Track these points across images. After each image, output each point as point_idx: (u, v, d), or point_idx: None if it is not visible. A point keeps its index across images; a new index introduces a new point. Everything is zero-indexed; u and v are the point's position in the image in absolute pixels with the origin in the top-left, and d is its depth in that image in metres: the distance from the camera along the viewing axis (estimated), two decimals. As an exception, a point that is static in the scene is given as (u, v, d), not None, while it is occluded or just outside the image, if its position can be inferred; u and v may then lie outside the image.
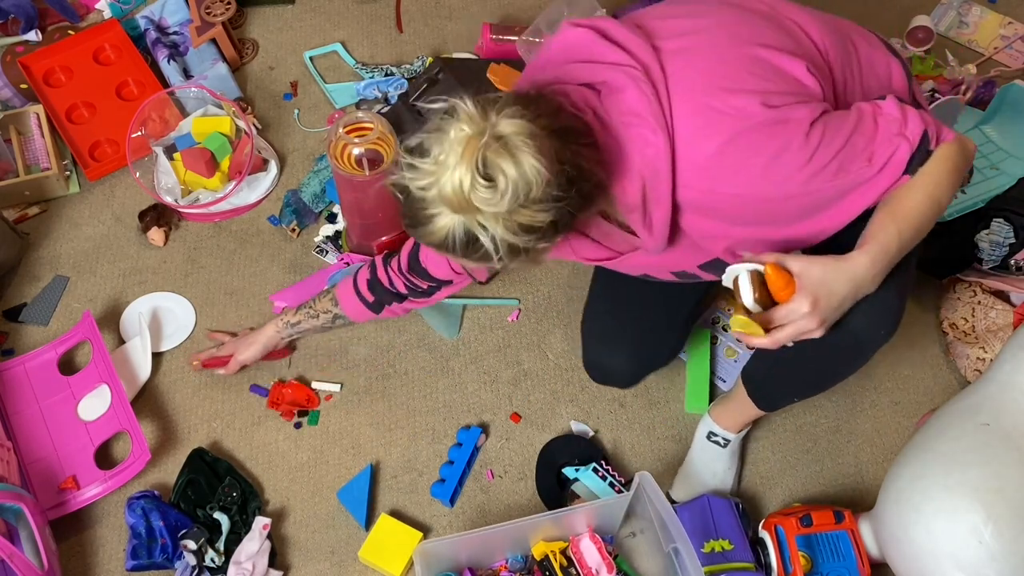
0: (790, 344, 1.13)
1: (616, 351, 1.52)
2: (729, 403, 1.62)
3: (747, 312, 1.12)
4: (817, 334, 1.12)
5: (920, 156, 1.14)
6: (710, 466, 1.64)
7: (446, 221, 1.04)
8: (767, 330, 1.12)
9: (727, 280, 1.14)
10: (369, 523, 1.62)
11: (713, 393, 1.77)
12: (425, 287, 1.54)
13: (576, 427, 1.73)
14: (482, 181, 1.00)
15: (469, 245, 1.06)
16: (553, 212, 1.04)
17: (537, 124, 1.03)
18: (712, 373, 1.78)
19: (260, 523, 1.59)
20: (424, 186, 1.03)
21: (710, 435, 1.63)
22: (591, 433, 1.72)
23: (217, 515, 1.59)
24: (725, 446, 1.63)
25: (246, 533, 1.59)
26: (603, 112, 1.14)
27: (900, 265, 1.17)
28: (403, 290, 1.56)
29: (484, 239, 1.04)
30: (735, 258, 1.20)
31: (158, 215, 1.94)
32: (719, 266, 1.22)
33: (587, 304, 1.59)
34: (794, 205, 1.14)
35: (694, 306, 1.57)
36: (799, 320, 1.10)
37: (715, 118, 1.10)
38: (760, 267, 1.09)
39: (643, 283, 1.44)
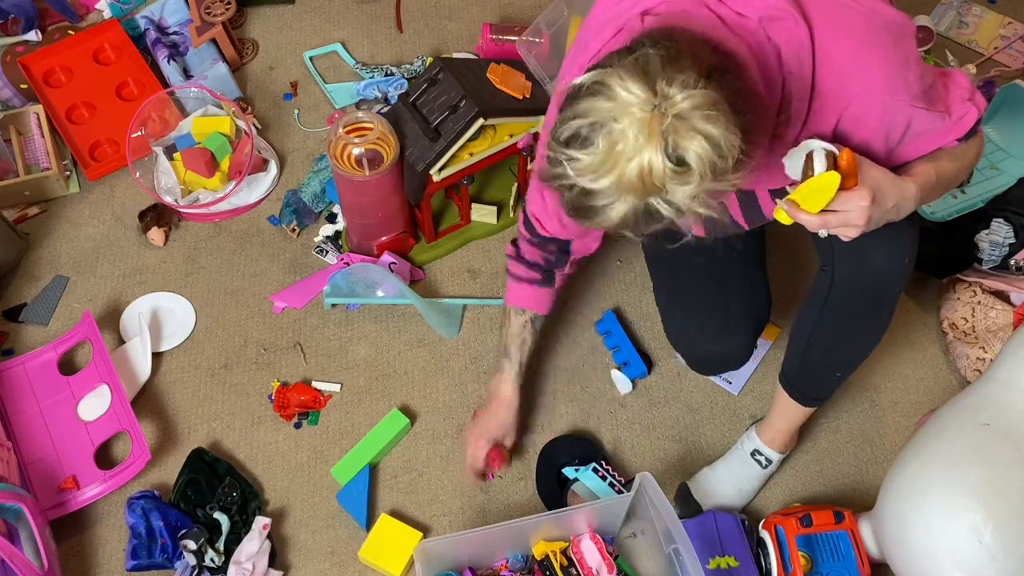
0: (823, 235, 1.16)
1: (718, 333, 1.49)
2: (772, 417, 1.59)
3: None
4: (854, 233, 1.12)
5: (972, 131, 1.22)
6: (739, 483, 1.62)
7: (623, 208, 0.99)
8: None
9: (798, 154, 1.13)
10: (369, 523, 1.62)
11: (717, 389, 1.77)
12: (554, 257, 1.53)
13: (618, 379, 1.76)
14: (674, 166, 0.95)
15: (649, 221, 1.01)
16: (742, 169, 1.00)
17: (694, 71, 0.96)
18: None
19: (260, 523, 1.59)
20: (595, 179, 0.97)
21: (755, 453, 1.61)
22: (630, 388, 1.75)
23: (217, 515, 1.59)
24: (766, 467, 1.61)
25: (246, 533, 1.59)
26: (729, 15, 1.10)
27: (912, 215, 1.23)
28: (543, 262, 1.53)
29: (666, 211, 0.99)
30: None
31: (158, 215, 1.94)
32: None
33: (663, 309, 1.57)
34: (895, 125, 1.16)
35: (760, 254, 1.55)
36: (853, 211, 1.10)
37: (845, 12, 1.12)
38: (835, 149, 1.10)
39: (697, 267, 1.48)
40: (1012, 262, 1.78)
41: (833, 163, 1.10)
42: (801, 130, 1.16)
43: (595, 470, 1.64)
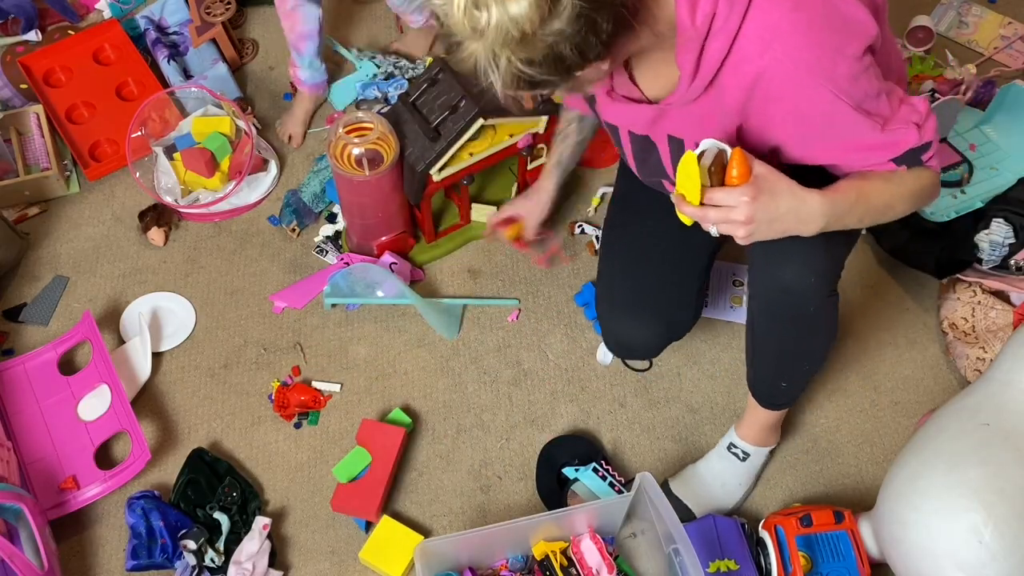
0: (715, 233, 1.14)
1: (636, 318, 1.50)
2: (746, 413, 1.61)
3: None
4: (741, 232, 1.12)
5: (912, 157, 1.17)
6: (720, 476, 1.62)
7: (471, 49, 1.03)
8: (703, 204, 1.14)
9: (695, 152, 1.15)
10: (369, 524, 1.62)
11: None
12: None
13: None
14: (474, 12, 0.99)
15: (491, 75, 1.04)
16: (565, 49, 1.01)
17: None
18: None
19: (260, 523, 1.59)
20: (442, 10, 1.02)
21: (730, 446, 1.62)
22: (611, 358, 1.77)
23: (217, 515, 1.59)
24: (744, 460, 1.62)
25: (246, 533, 1.59)
26: None
27: (838, 236, 1.20)
28: None
29: (492, 73, 1.03)
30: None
31: (158, 215, 1.94)
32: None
33: (599, 277, 1.59)
34: (813, 111, 1.14)
35: (705, 268, 1.54)
36: (734, 207, 1.11)
37: None
38: (728, 149, 1.12)
39: (653, 244, 1.47)
40: (1012, 262, 1.78)
41: (721, 160, 1.11)
42: (713, 79, 1.14)
43: (595, 470, 1.64)
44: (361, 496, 1.60)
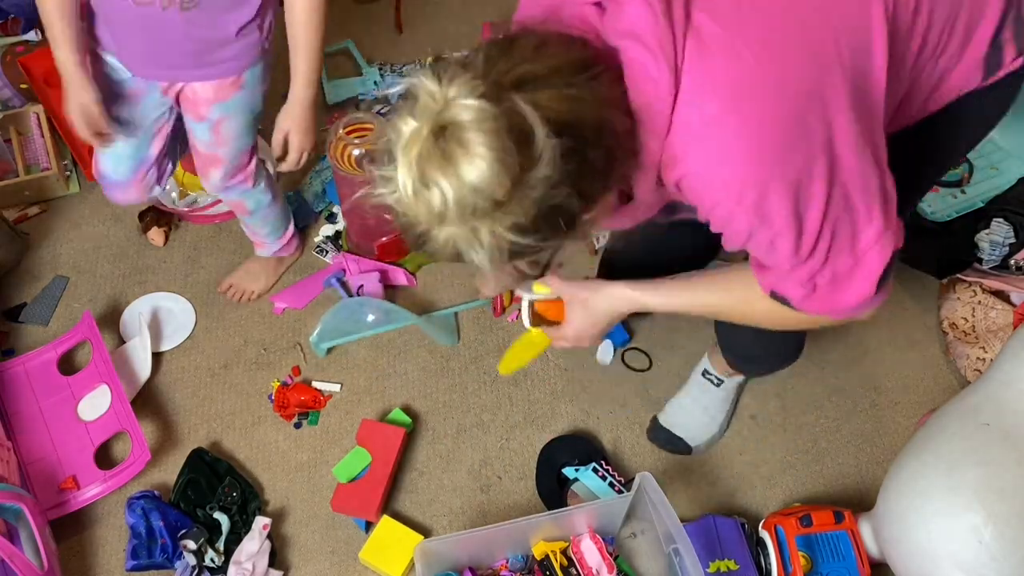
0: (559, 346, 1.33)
1: None
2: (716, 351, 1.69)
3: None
4: (586, 344, 1.31)
5: (783, 299, 1.07)
6: (701, 400, 1.69)
7: (444, 235, 0.85)
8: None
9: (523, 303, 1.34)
10: (369, 524, 1.62)
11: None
12: None
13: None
14: (424, 192, 0.80)
15: (475, 256, 0.87)
16: (560, 197, 0.83)
17: (509, 79, 0.80)
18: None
19: (260, 523, 1.59)
20: (394, 199, 0.84)
21: (704, 372, 1.70)
22: (611, 355, 1.79)
23: (217, 515, 1.59)
24: (718, 385, 1.69)
25: (246, 533, 1.59)
26: (602, 31, 0.90)
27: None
28: None
29: (475, 252, 0.85)
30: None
31: (158, 215, 1.94)
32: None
33: None
34: (726, 221, 0.99)
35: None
36: (562, 341, 1.31)
37: (736, 67, 0.89)
38: (534, 298, 1.30)
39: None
40: (1012, 262, 1.78)
41: (535, 309, 1.31)
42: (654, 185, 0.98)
43: (595, 470, 1.64)
44: (361, 496, 1.60)
